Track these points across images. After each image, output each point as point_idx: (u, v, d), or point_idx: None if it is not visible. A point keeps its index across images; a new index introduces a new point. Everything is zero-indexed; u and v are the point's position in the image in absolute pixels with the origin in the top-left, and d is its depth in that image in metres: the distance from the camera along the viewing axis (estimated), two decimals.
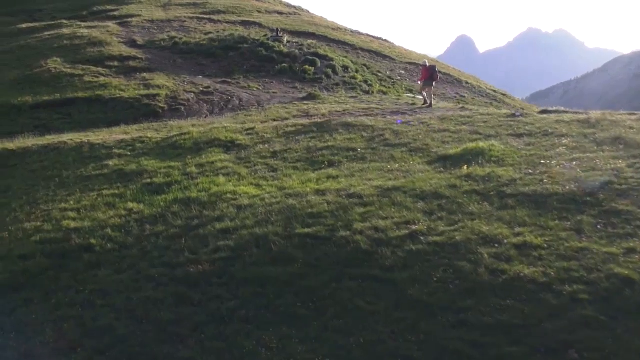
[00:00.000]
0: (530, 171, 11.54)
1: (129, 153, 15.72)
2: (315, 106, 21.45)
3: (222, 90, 25.39)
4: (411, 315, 7.77)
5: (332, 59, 32.49)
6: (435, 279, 8.28)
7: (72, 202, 12.64)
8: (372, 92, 30.36)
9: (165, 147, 15.83)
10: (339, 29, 50.18)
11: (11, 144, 18.54)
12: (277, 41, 33.37)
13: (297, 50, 32.21)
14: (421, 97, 22.83)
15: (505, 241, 8.94)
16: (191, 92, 24.58)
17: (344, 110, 19.87)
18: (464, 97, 35.92)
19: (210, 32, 37.39)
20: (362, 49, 41.81)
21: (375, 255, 8.92)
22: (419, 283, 8.26)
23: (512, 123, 15.50)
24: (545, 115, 16.24)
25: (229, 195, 11.63)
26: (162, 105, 22.79)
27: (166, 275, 9.18)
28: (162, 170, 13.85)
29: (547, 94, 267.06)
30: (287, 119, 19.42)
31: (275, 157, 14.12)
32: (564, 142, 13.34)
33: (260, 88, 27.14)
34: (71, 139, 17.83)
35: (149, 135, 17.03)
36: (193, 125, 19.53)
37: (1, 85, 27.24)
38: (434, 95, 23.57)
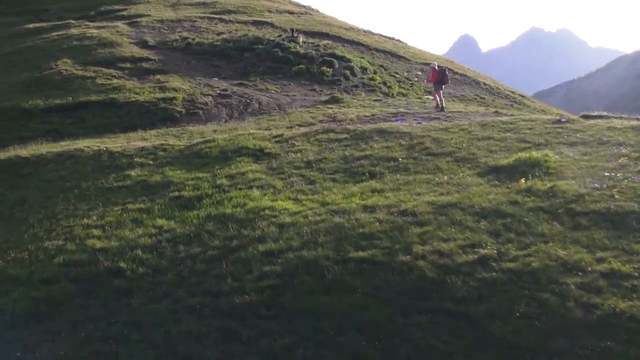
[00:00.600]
0: (596, 185, 10.55)
1: (151, 162, 14.77)
2: (341, 110, 20.49)
3: (239, 93, 24.44)
4: (495, 358, 6.81)
5: (349, 60, 31.52)
6: (517, 314, 7.31)
7: (94, 218, 11.71)
8: (392, 94, 29.39)
9: (190, 156, 14.88)
10: (351, 28, 49.22)
11: (24, 151, 17.62)
12: (292, 42, 32.42)
13: (313, 51, 31.26)
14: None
15: (589, 268, 7.97)
16: (208, 95, 23.63)
17: (372, 115, 18.91)
18: (484, 98, 34.91)
19: (223, 33, 36.47)
20: (377, 50, 40.86)
21: (444, 285, 7.96)
22: (499, 319, 7.29)
23: (560, 130, 14.51)
24: (592, 122, 15.25)
25: (267, 212, 10.67)
26: (180, 109, 21.85)
27: (208, 306, 8.23)
28: (190, 182, 12.90)
29: (549, 93, 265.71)
30: (313, 124, 18.47)
31: (310, 168, 13.16)
32: (623, 151, 12.35)
33: (278, 90, 26.19)
34: (87, 146, 16.89)
35: (171, 143, 16.08)
36: (215, 131, 18.61)
37: (10, 88, 26.35)
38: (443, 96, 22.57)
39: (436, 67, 22.24)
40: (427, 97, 31.30)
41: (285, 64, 29.90)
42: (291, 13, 50.15)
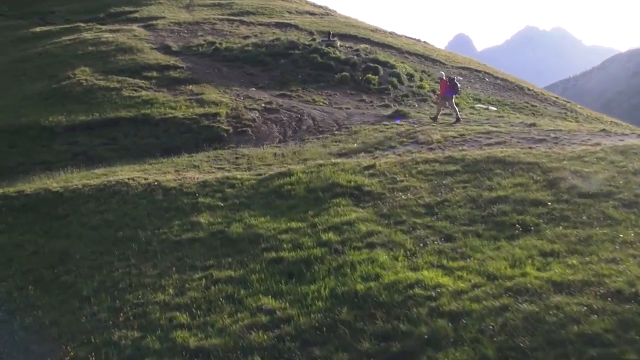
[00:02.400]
0: None
1: (222, 204, 11.92)
2: (416, 128, 17.67)
3: (287, 107, 21.59)
4: None
5: (394, 66, 28.72)
6: None
7: (171, 291, 8.87)
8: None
9: (269, 195, 12.03)
10: (377, 30, 46.42)
11: (53, 183, 14.75)
12: (330, 46, 29.57)
13: (355, 57, 28.44)
14: (492, 108, 19.22)
15: None
16: (253, 109, 20.78)
17: (461, 136, 16.11)
18: (535, 106, 32.18)
19: (248, 36, 33.64)
20: (409, 53, 38.14)
21: None
22: None
23: None
24: None
25: (417, 290, 7.84)
26: (226, 127, 18.98)
27: None
28: (284, 235, 10.06)
29: None
30: (394, 147, 15.66)
31: (434, 215, 10.34)
32: None
33: (326, 102, 23.36)
34: (132, 178, 14.02)
35: (238, 176, 13.22)
36: (276, 155, 15.81)
37: (26, 101, 23.45)
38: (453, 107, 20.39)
39: (444, 77, 20.51)
40: (478, 105, 28.58)
41: (326, 70, 27.10)
42: (312, 14, 47.35)
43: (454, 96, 19.77)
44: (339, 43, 30.37)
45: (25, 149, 19.15)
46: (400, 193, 11.40)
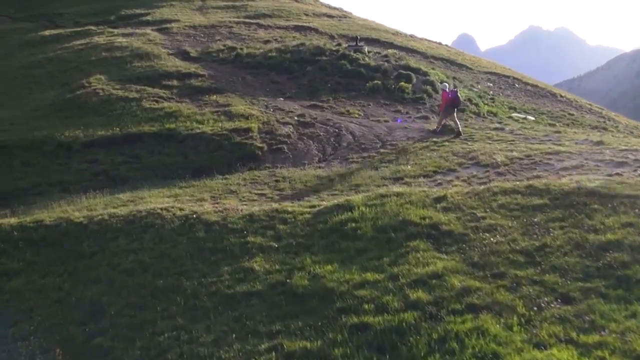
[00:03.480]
0: None
1: (275, 244, 10.29)
2: (471, 147, 16.03)
3: (321, 120, 19.95)
4: None
5: (426, 73, 27.06)
6: None
7: None
8: (483, 114, 25.01)
9: (330, 234, 10.38)
10: (398, 33, 44.75)
11: (76, 212, 13.15)
12: (358, 52, 27.92)
13: (385, 63, 26.76)
14: (529, 117, 17.70)
15: None
16: (287, 123, 19.15)
17: (527, 157, 14.46)
18: (573, 115, 30.52)
19: (269, 40, 32.02)
20: (434, 57, 36.54)
21: None
22: None
23: None
24: None
25: None
26: (260, 144, 17.35)
27: None
28: (361, 291, 8.42)
29: None
30: (454, 170, 14.02)
31: (538, 266, 8.69)
32: None
33: (361, 114, 21.73)
34: (165, 209, 12.40)
35: (289, 209, 11.57)
36: (321, 179, 14.19)
37: (39, 112, 21.89)
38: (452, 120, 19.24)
39: (447, 89, 19.24)
40: (515, 115, 26.94)
41: (356, 78, 25.46)
42: (330, 16, 45.73)
43: (455, 109, 18.81)
44: (366, 49, 28.70)
45: (40, 167, 17.57)
46: (487, 234, 9.74)
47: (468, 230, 9.94)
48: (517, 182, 11.92)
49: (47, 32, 37.79)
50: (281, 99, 23.02)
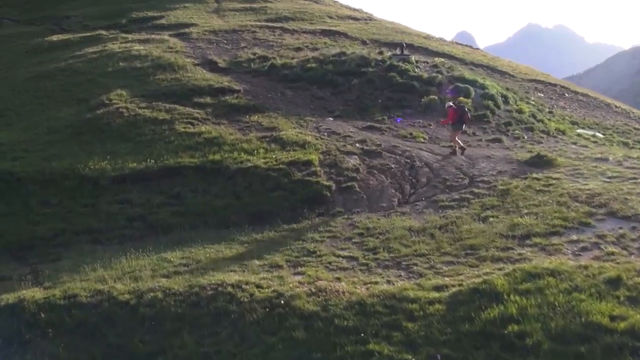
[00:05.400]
0: None
1: (411, 357, 7.46)
2: (588, 186, 13.21)
3: (386, 147, 17.12)
4: None
5: (483, 86, 24.26)
6: None
7: None
8: (551, 133, 22.24)
9: (485, 342, 7.57)
10: (428, 37, 41.93)
11: (117, 285, 10.31)
12: (404, 61, 25.11)
13: (439, 75, 23.95)
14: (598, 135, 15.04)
15: None
16: (350, 152, 16.31)
17: None
18: (638, 129, 27.76)
19: (300, 48, 29.16)
20: (474, 64, 33.68)
21: None
22: None
23: None
24: None
25: None
26: (326, 183, 14.48)
27: None
28: None
29: None
30: (589, 224, 11.20)
31: None
32: None
33: (426, 137, 18.94)
34: (237, 285, 9.56)
35: (411, 294, 8.74)
36: (417, 234, 11.40)
37: (55, 135, 19.08)
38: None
39: (453, 105, 17.83)
40: (581, 131, 24.21)
41: (409, 93, 22.69)
42: (355, 19, 42.86)
43: (463, 127, 17.71)
44: (414, 57, 25.88)
45: (62, 208, 14.74)
46: None
47: None
48: None
49: (54, 37, 34.85)
50: (330, 118, 20.21)
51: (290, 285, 9.44)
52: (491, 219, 11.92)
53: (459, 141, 17.49)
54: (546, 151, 16.77)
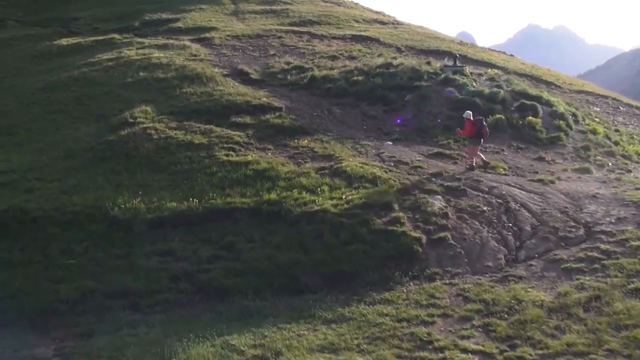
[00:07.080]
0: None
1: None
2: None
3: (468, 183, 14.47)
4: None
5: (550, 103, 21.68)
6: None
7: None
8: (632, 157, 19.65)
9: None
10: (462, 43, 39.29)
11: None
12: (459, 74, 22.48)
13: (502, 90, 21.30)
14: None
15: None
16: (432, 191, 13.63)
17: None
18: None
19: (336, 56, 26.50)
20: (517, 73, 30.98)
21: None
22: None
23: None
24: None
25: None
26: (415, 234, 11.82)
27: None
28: None
29: None
30: None
31: None
32: None
33: (505, 167, 16.33)
34: None
35: None
36: (554, 314, 8.82)
37: (72, 160, 16.49)
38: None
39: (470, 117, 16.13)
40: None
41: (470, 110, 19.96)
42: (382, 23, 40.20)
43: (481, 141, 16.20)
44: (468, 70, 23.26)
45: (89, 260, 12.08)
46: None
47: None
48: None
49: (64, 41, 32.09)
50: (389, 142, 17.59)
51: None
52: None
53: (481, 155, 16.24)
54: (621, 173, 14.21)
